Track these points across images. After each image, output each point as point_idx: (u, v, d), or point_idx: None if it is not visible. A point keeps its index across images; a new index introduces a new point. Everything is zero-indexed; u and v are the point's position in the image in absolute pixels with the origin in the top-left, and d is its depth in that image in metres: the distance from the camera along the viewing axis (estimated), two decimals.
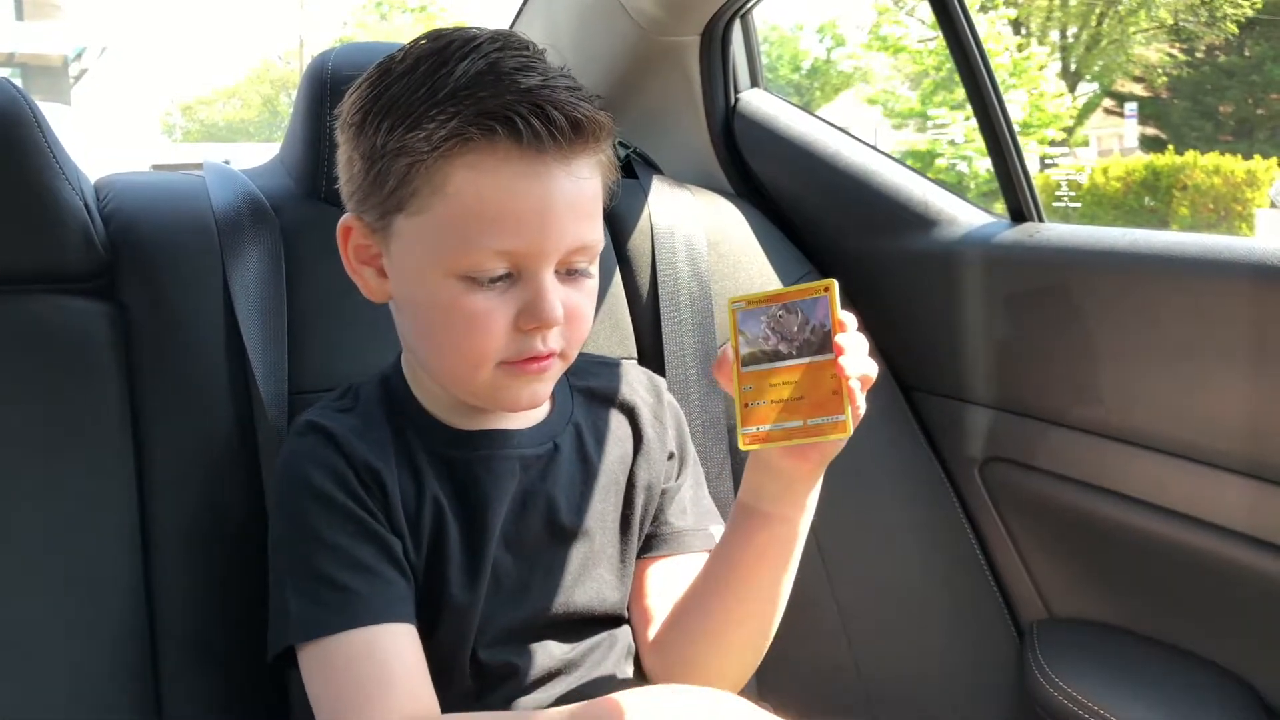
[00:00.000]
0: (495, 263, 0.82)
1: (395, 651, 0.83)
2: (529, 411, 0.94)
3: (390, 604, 0.84)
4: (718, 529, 1.00)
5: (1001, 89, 1.33)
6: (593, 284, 0.88)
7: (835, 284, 0.80)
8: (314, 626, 0.83)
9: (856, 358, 0.80)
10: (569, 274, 0.86)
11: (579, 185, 0.83)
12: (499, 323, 0.83)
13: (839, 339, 0.79)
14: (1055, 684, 1.22)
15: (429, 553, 0.89)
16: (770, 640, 0.93)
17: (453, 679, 0.89)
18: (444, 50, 0.83)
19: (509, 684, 0.91)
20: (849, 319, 0.81)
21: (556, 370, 0.89)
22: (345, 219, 0.90)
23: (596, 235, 0.86)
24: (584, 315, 0.88)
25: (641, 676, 0.98)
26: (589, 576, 0.95)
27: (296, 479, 0.87)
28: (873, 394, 0.84)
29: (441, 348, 0.87)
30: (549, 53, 0.87)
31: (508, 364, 0.85)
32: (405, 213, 0.84)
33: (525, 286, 0.83)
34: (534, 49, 0.86)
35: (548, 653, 0.92)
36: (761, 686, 1.20)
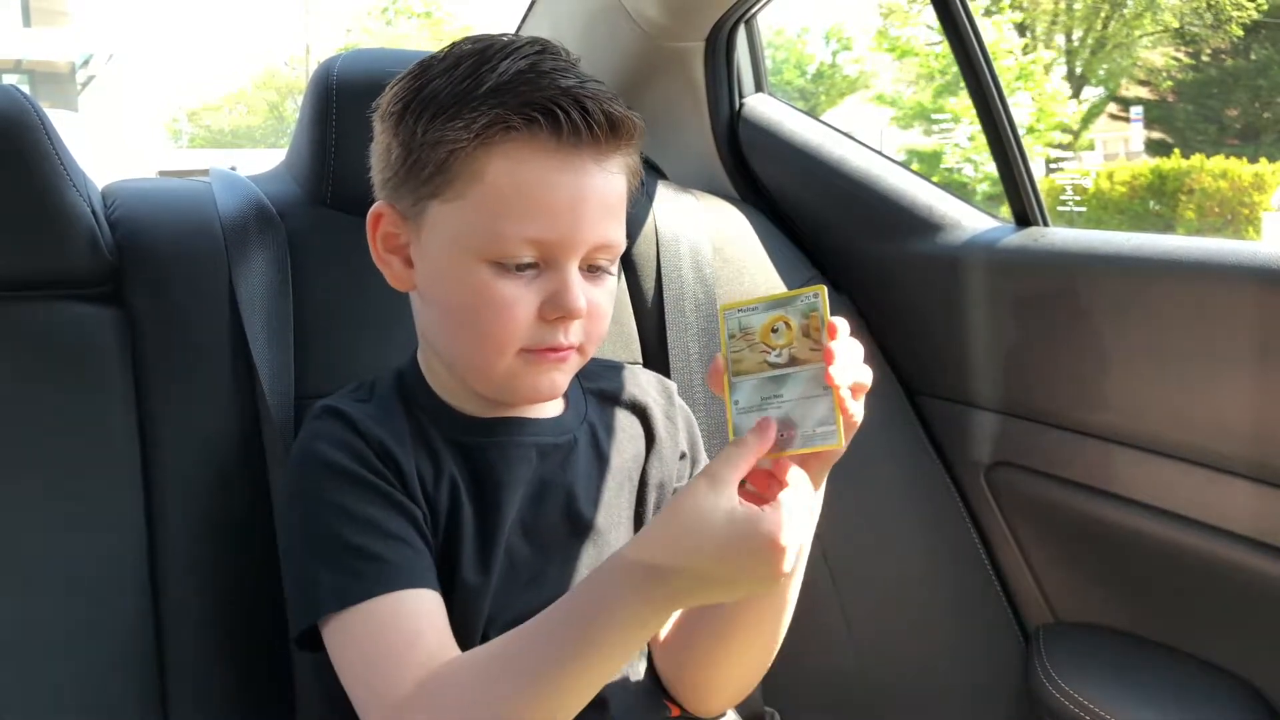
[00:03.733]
0: (525, 250, 0.84)
1: (427, 614, 0.82)
2: (545, 405, 0.95)
3: (422, 571, 0.84)
4: None
5: (1006, 92, 1.33)
6: (612, 283, 0.90)
7: (825, 290, 0.79)
8: (348, 594, 0.82)
9: (847, 365, 0.78)
10: (591, 270, 0.88)
11: (610, 182, 0.86)
12: (524, 310, 0.85)
13: (830, 346, 0.77)
14: (1061, 688, 1.22)
15: (444, 533, 0.89)
16: (779, 643, 0.94)
17: None
18: (485, 51, 0.86)
19: None
20: (840, 324, 0.79)
21: (575, 364, 0.90)
22: (376, 207, 0.91)
23: (620, 235, 0.89)
24: (604, 312, 0.90)
25: (653, 676, 0.98)
26: None
27: (316, 459, 0.87)
28: (877, 398, 0.84)
29: (465, 335, 0.88)
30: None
31: (528, 351, 0.86)
32: (441, 199, 0.85)
33: (551, 277, 0.85)
34: (569, 55, 0.89)
35: None
36: (767, 691, 1.20)
